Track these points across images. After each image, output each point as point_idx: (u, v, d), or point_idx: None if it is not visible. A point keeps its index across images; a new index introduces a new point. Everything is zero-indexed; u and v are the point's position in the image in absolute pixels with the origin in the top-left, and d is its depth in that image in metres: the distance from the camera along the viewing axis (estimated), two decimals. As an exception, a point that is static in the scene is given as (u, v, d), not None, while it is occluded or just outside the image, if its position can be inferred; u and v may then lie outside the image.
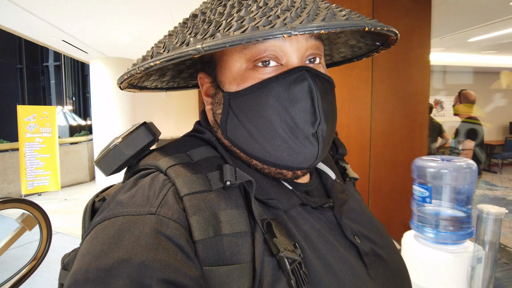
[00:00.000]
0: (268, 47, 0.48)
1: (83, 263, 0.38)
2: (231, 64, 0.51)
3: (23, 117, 6.02)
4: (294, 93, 0.48)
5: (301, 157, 0.50)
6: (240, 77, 0.51)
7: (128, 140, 0.53)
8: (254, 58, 0.49)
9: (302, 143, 0.49)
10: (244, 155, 0.54)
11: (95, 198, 0.55)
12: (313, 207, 0.55)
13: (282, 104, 0.48)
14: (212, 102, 0.57)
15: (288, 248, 0.44)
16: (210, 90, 0.58)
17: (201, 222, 0.44)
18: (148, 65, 0.43)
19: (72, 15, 4.43)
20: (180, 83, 0.75)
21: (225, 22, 0.42)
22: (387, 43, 0.60)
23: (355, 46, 0.68)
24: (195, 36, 0.43)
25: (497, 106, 8.81)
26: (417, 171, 1.20)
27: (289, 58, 0.49)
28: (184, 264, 0.40)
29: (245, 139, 0.52)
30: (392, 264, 0.59)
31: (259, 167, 0.54)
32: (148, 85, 0.67)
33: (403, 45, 2.42)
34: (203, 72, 0.59)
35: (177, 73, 0.69)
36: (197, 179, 0.48)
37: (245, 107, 0.50)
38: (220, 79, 0.54)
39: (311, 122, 0.48)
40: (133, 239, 0.39)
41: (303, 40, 0.50)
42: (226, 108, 0.53)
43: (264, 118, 0.49)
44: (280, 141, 0.49)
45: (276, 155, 0.50)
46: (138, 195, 0.45)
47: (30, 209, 1.84)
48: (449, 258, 1.11)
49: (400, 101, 2.47)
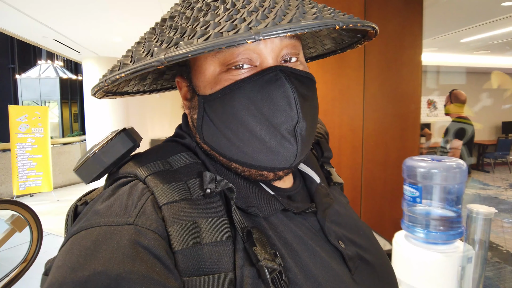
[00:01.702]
0: (241, 50, 0.47)
1: (58, 275, 0.37)
2: (205, 68, 0.51)
3: (14, 117, 5.96)
4: (268, 93, 0.47)
5: (280, 157, 0.49)
6: (213, 80, 0.50)
7: (107, 148, 0.52)
8: (227, 62, 0.48)
9: (279, 143, 0.48)
10: (224, 158, 0.53)
11: (78, 202, 0.53)
12: (295, 212, 0.54)
13: (256, 105, 0.47)
14: (189, 106, 0.56)
15: (268, 257, 0.43)
16: (187, 94, 0.57)
17: (180, 232, 0.43)
18: (114, 78, 0.43)
19: (64, 15, 4.39)
20: (164, 85, 0.74)
21: (190, 29, 0.42)
22: (367, 35, 0.59)
23: (337, 38, 0.67)
24: (160, 45, 0.43)
25: (489, 106, 8.89)
26: (407, 171, 1.20)
27: (263, 59, 0.48)
28: (163, 275, 0.39)
29: (222, 143, 0.51)
30: (378, 267, 0.58)
31: (239, 170, 0.53)
32: (129, 90, 0.65)
33: (395, 45, 2.43)
34: (179, 76, 0.58)
35: (158, 75, 0.68)
36: (177, 187, 0.47)
37: (219, 109, 0.49)
38: (195, 83, 0.53)
39: (288, 121, 0.47)
40: (110, 251, 0.38)
41: (277, 40, 0.49)
42: (201, 112, 0.52)
43: (238, 120, 0.48)
44: (257, 142, 0.48)
45: (255, 156, 0.49)
46: (116, 205, 0.44)
47: (20, 210, 1.82)
48: (439, 258, 1.11)
49: (392, 101, 2.48)
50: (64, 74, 14.81)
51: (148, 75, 0.64)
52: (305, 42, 0.71)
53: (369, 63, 2.39)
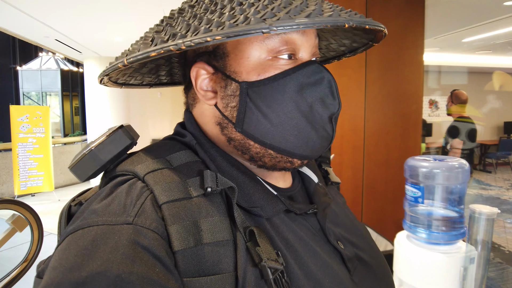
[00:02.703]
0: (289, 39, 0.49)
1: (54, 276, 0.36)
2: (249, 53, 0.49)
3: (16, 117, 5.96)
4: (315, 82, 0.50)
5: (318, 145, 0.52)
6: (260, 66, 0.49)
7: (104, 145, 0.50)
8: (276, 49, 0.49)
9: (322, 131, 0.51)
10: (259, 145, 0.51)
11: (71, 202, 0.52)
12: (297, 213, 0.53)
13: (305, 93, 0.49)
14: (216, 96, 0.53)
15: (271, 257, 0.43)
16: (213, 82, 0.53)
17: (181, 232, 0.42)
18: (147, 54, 0.41)
19: (66, 15, 4.40)
20: (156, 81, 0.73)
21: (228, 14, 0.42)
22: (376, 38, 0.59)
23: (343, 43, 0.67)
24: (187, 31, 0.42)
25: (491, 106, 8.86)
26: (409, 171, 1.19)
27: (303, 53, 0.51)
28: (163, 276, 0.37)
29: (266, 129, 0.49)
30: (376, 267, 0.59)
31: (272, 157, 0.52)
32: (128, 81, 0.64)
33: (397, 45, 2.42)
34: (201, 62, 0.53)
35: (155, 69, 0.67)
36: (177, 185, 0.45)
37: (268, 96, 0.49)
38: (235, 69, 0.50)
39: (331, 109, 0.51)
40: (109, 251, 0.37)
41: (313, 37, 0.52)
42: (244, 98, 0.49)
43: (288, 106, 0.49)
44: (302, 129, 0.50)
45: (296, 143, 0.50)
46: (114, 204, 0.43)
47: (20, 210, 1.81)
48: (441, 258, 1.10)
49: (393, 101, 2.47)
50: (65, 66, 14.81)
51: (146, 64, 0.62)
52: None
53: (371, 63, 2.39)
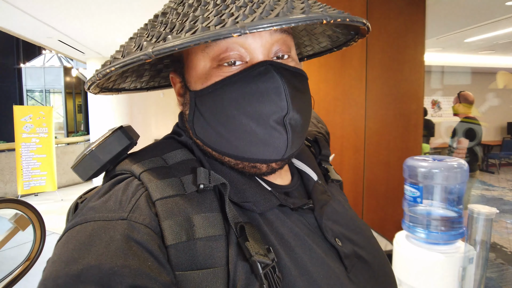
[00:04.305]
0: (230, 44, 0.48)
1: (53, 269, 0.38)
2: (196, 63, 0.51)
3: (19, 117, 6.00)
4: (257, 86, 0.47)
5: (271, 148, 0.49)
6: (204, 75, 0.50)
7: (103, 145, 0.52)
8: (218, 57, 0.49)
9: (270, 134, 0.48)
10: (216, 153, 0.54)
11: (78, 200, 0.54)
12: (292, 208, 0.54)
13: (246, 98, 0.47)
14: (182, 102, 0.57)
15: (260, 252, 0.44)
16: (180, 90, 0.58)
17: (173, 227, 0.43)
18: (104, 72, 0.43)
19: (68, 16, 4.42)
20: (161, 82, 0.75)
21: (179, 24, 0.42)
22: (360, 32, 0.59)
23: (333, 36, 0.67)
24: (150, 40, 0.43)
25: (494, 106, 8.83)
26: (408, 170, 1.20)
27: (253, 55, 0.49)
28: (155, 270, 0.39)
29: (213, 137, 0.51)
30: (376, 266, 0.58)
31: (232, 164, 0.53)
32: (126, 87, 0.66)
33: (397, 44, 2.42)
34: (173, 72, 0.59)
35: (155, 72, 0.69)
36: (171, 183, 0.47)
37: (209, 104, 0.50)
38: (187, 79, 0.54)
39: (278, 112, 0.47)
40: (103, 245, 0.39)
41: (266, 35, 0.49)
42: (193, 107, 0.52)
43: (228, 114, 0.48)
44: (248, 135, 0.48)
45: (246, 149, 0.50)
46: (111, 201, 0.45)
47: (23, 209, 1.83)
48: (440, 258, 1.10)
49: (394, 101, 2.47)
50: (68, 63, 14.88)
51: (145, 72, 0.65)
52: (301, 40, 0.72)
53: (371, 62, 2.38)
